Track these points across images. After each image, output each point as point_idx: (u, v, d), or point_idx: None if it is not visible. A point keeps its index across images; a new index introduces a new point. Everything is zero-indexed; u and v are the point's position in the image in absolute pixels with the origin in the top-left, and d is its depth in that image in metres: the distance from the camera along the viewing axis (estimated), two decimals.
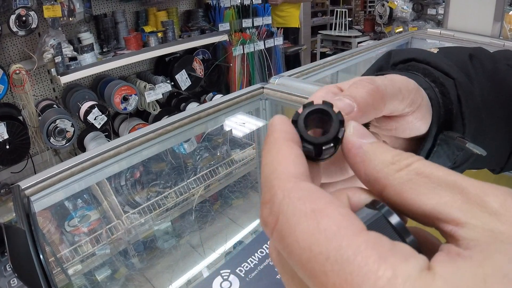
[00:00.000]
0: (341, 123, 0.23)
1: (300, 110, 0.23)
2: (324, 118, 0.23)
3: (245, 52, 3.17)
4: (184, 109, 2.73)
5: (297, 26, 4.41)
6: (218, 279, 0.82)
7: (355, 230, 0.17)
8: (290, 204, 0.18)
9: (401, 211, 0.20)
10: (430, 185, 0.19)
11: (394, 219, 0.19)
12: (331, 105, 0.23)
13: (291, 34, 4.30)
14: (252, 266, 0.83)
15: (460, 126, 0.35)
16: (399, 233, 0.19)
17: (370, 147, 0.22)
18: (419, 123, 0.31)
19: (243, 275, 0.82)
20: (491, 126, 0.38)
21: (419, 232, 0.23)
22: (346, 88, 0.29)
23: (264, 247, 0.87)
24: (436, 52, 0.39)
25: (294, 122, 0.23)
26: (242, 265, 0.84)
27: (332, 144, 0.22)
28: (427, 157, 0.34)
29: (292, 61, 3.99)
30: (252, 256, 0.86)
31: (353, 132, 0.23)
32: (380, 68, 0.40)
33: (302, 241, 0.17)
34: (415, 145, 0.35)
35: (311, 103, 0.23)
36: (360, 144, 0.22)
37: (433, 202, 0.19)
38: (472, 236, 0.17)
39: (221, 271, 0.83)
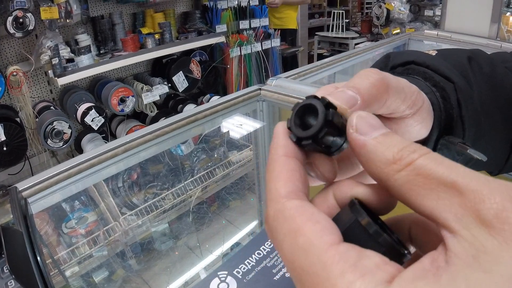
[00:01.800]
0: (327, 115, 0.22)
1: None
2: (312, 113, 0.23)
3: (242, 53, 3.16)
4: (181, 111, 2.73)
5: (295, 28, 4.41)
6: (216, 281, 0.81)
7: (325, 246, 0.19)
8: (278, 224, 0.21)
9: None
10: (429, 186, 0.18)
11: (366, 221, 0.20)
12: (321, 98, 0.23)
13: (288, 36, 4.30)
14: (250, 267, 0.83)
15: (460, 130, 0.34)
16: (371, 236, 0.20)
17: (373, 145, 0.21)
18: (418, 126, 0.31)
19: (240, 277, 0.81)
20: (489, 129, 0.38)
21: (417, 223, 0.24)
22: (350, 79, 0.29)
23: (261, 248, 0.87)
24: (434, 54, 0.38)
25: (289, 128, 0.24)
26: (240, 267, 0.84)
27: (310, 141, 0.22)
28: None
29: (289, 63, 3.99)
30: (250, 258, 0.86)
31: (356, 128, 0.22)
32: None
33: (287, 255, 0.20)
34: None
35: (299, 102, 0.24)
36: (363, 142, 0.21)
37: (431, 205, 0.18)
38: (457, 250, 0.17)
39: (219, 273, 0.83)
